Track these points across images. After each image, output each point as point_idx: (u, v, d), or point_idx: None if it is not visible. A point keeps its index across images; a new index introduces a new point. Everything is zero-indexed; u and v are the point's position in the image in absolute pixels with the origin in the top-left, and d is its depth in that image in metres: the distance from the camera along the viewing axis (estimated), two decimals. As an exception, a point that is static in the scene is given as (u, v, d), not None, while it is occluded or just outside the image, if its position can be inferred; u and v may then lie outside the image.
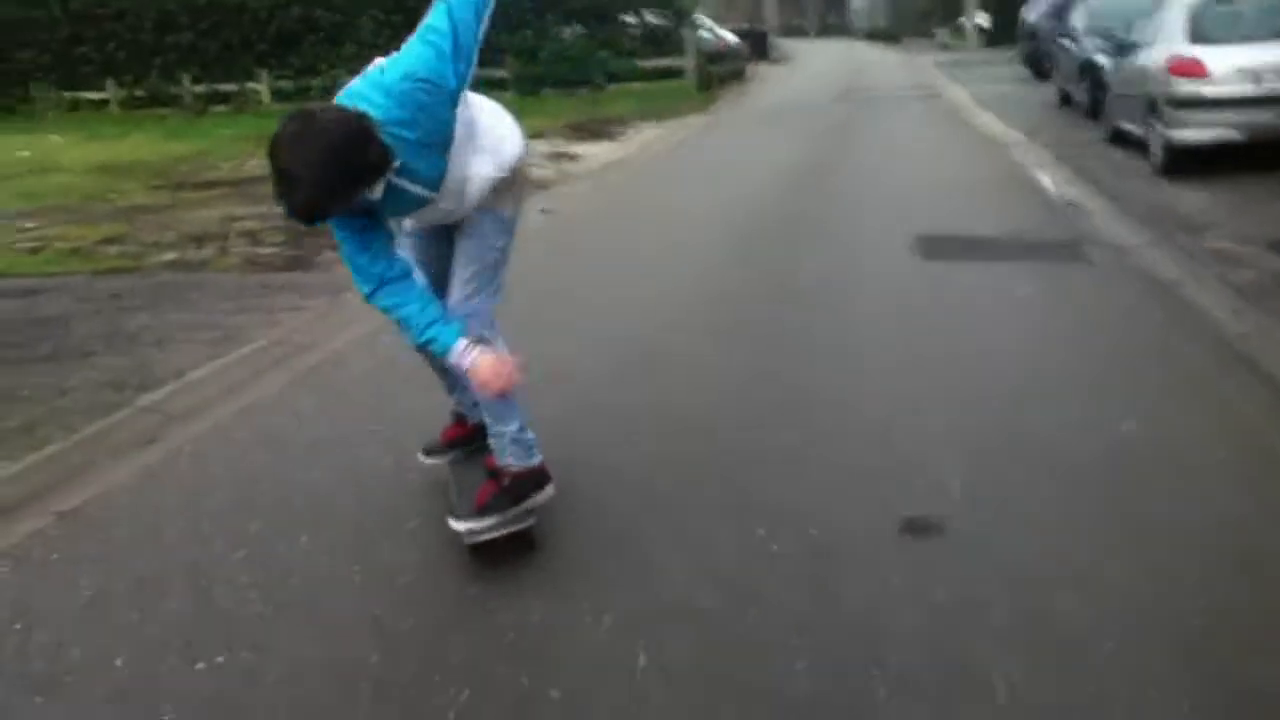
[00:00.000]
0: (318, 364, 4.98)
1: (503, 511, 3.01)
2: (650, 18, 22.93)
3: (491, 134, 3.00)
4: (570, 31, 22.42)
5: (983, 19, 45.11)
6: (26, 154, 16.37)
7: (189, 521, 3.32)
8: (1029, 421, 3.84)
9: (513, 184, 3.08)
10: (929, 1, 58.74)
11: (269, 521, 3.28)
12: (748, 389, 4.39)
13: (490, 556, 2.96)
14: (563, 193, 10.15)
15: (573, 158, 12.42)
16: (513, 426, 3.04)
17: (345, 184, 2.49)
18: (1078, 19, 14.98)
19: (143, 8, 21.79)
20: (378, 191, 2.64)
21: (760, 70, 28.54)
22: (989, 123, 14.26)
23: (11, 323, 5.80)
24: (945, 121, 14.86)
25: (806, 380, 4.46)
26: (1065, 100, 15.37)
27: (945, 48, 42.16)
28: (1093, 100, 12.99)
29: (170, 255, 7.58)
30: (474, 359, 2.78)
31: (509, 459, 3.04)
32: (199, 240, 8.04)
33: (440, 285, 3.08)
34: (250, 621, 2.71)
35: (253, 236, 8.09)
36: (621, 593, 2.80)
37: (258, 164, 13.04)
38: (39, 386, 4.67)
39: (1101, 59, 12.69)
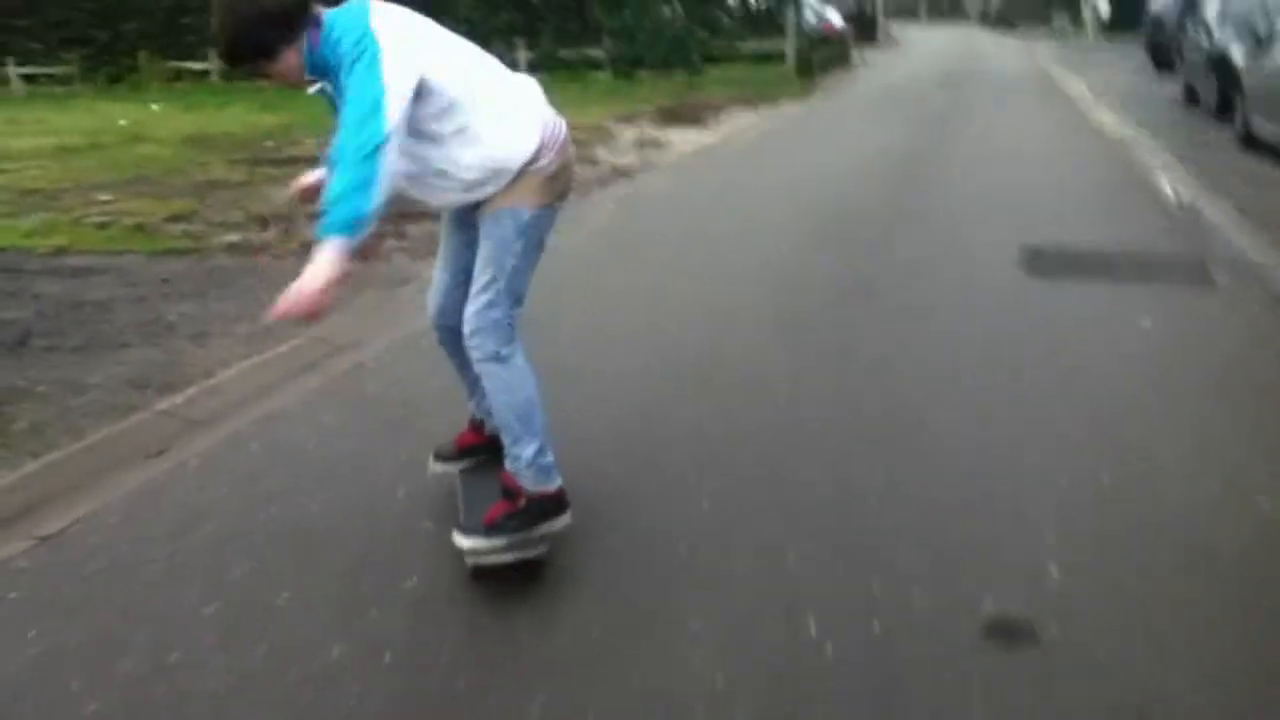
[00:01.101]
0: (353, 368, 4.61)
1: (513, 533, 2.78)
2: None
3: (487, 133, 2.76)
4: (669, 11, 21.88)
5: (1103, 6, 43.30)
6: (124, 123, 16.53)
7: (171, 558, 2.96)
8: (1148, 490, 3.26)
9: (523, 182, 2.79)
10: (1048, -13, 56.69)
11: (255, 565, 2.90)
12: (820, 417, 3.90)
13: (496, 585, 2.60)
14: (643, 182, 9.68)
15: (659, 144, 11.93)
16: (530, 449, 2.81)
17: (257, 25, 2.60)
18: (1209, 9, 13.93)
19: (245, -21, 21.74)
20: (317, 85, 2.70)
21: (867, 55, 27.60)
22: (1107, 118, 13.38)
23: (56, 307, 5.56)
24: (1060, 115, 13.98)
25: (886, 410, 3.94)
26: (1191, 96, 14.39)
27: (1062, 35, 40.54)
28: (1222, 98, 12.07)
29: (233, 236, 7.33)
30: (314, 267, 2.61)
31: (525, 482, 2.82)
32: (265, 221, 7.78)
33: (455, 286, 3.02)
34: (201, 701, 2.32)
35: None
36: (637, 699, 2.34)
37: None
38: (60, 382, 4.39)
39: (1236, 53, 11.76)
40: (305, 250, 6.90)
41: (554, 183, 2.84)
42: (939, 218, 7.55)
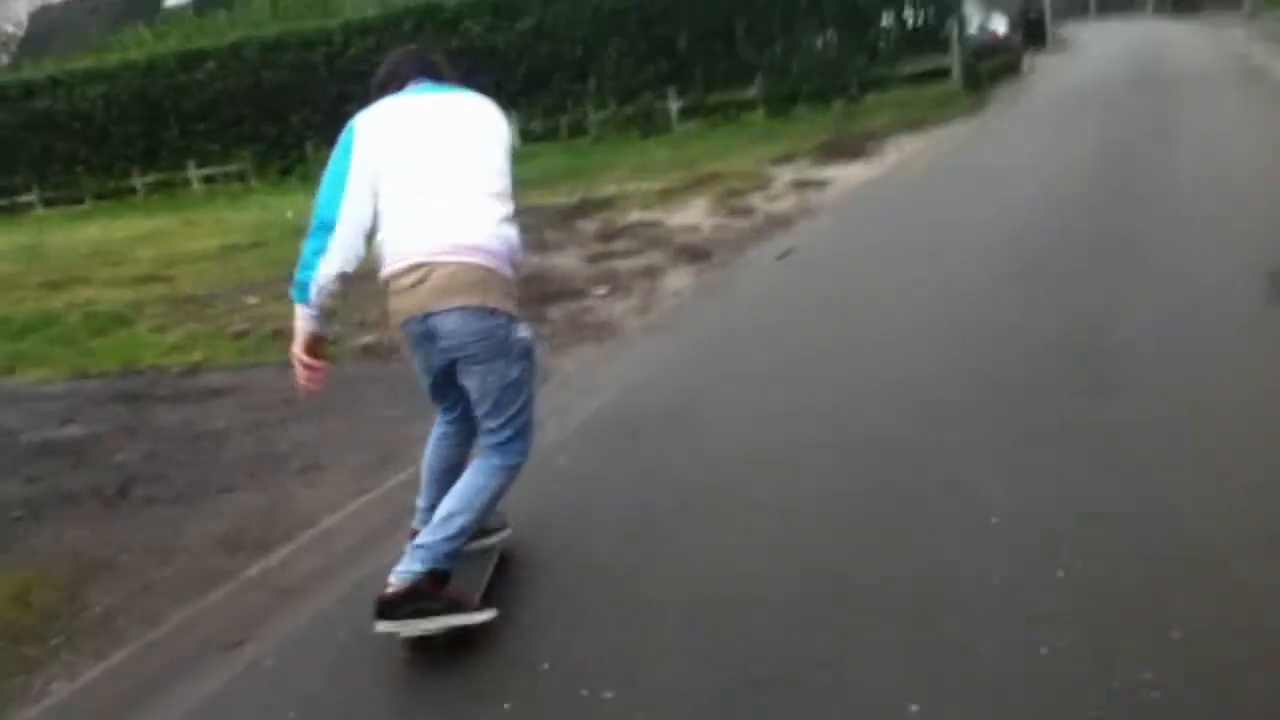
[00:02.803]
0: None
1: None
2: (910, 17, 21.05)
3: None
4: (823, 40, 20.95)
5: (1300, -23, 39.71)
6: (290, 215, 16.80)
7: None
8: None
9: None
10: (1230, -36, 52.63)
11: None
12: (1012, 534, 2.95)
13: None
14: (803, 230, 8.80)
15: (820, 184, 11.03)
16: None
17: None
18: None
19: (402, 60, 22.06)
20: None
21: (1038, 61, 25.87)
22: (1335, 104, 11.66)
23: (170, 442, 5.16)
24: (1274, 109, 12.30)
25: (1105, 519, 2.97)
26: None
27: (1256, 17, 37.29)
28: None
29: (368, 338, 6.87)
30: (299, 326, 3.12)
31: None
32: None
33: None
34: None
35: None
36: None
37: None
38: (148, 548, 3.87)
39: None
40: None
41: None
42: (1151, 241, 6.36)
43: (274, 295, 9.09)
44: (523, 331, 2.93)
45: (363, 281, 2.97)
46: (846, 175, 11.53)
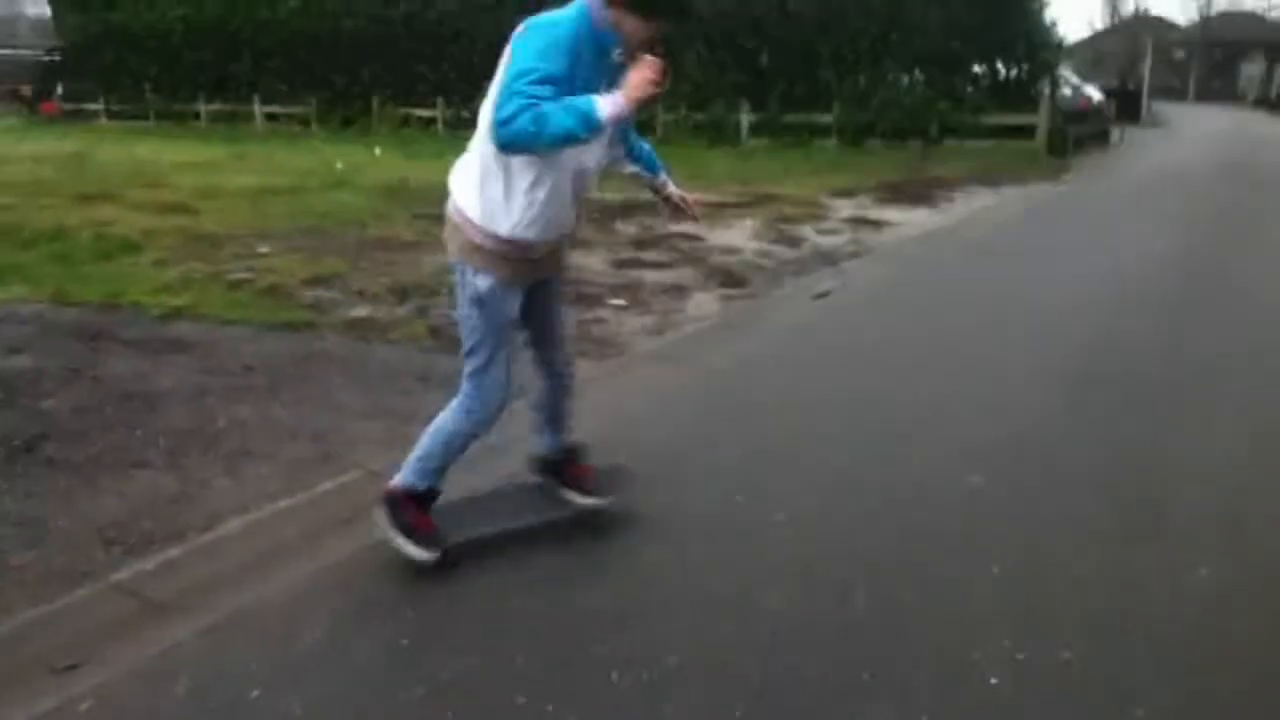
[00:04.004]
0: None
1: None
2: (1005, 69, 20.31)
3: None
4: (908, 78, 20.27)
5: None
6: (340, 166, 16.47)
7: None
8: None
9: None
10: (1341, 68, 51.13)
11: None
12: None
13: None
14: (849, 271, 8.19)
15: (877, 225, 10.41)
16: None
17: None
18: None
19: (477, 30, 21.71)
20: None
21: (1129, 135, 24.98)
22: None
23: (107, 394, 4.66)
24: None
25: None
26: None
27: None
28: None
29: (361, 311, 6.37)
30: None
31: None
32: (403, 295, 6.81)
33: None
34: None
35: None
36: None
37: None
38: (22, 521, 3.37)
39: None
40: (429, 337, 5.93)
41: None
42: (1237, 354, 5.70)
43: (289, 247, 8.66)
44: (476, 279, 2.90)
45: (376, 249, 2.38)
46: (907, 220, 10.89)
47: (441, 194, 3.06)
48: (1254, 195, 13.58)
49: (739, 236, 9.56)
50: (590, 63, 2.69)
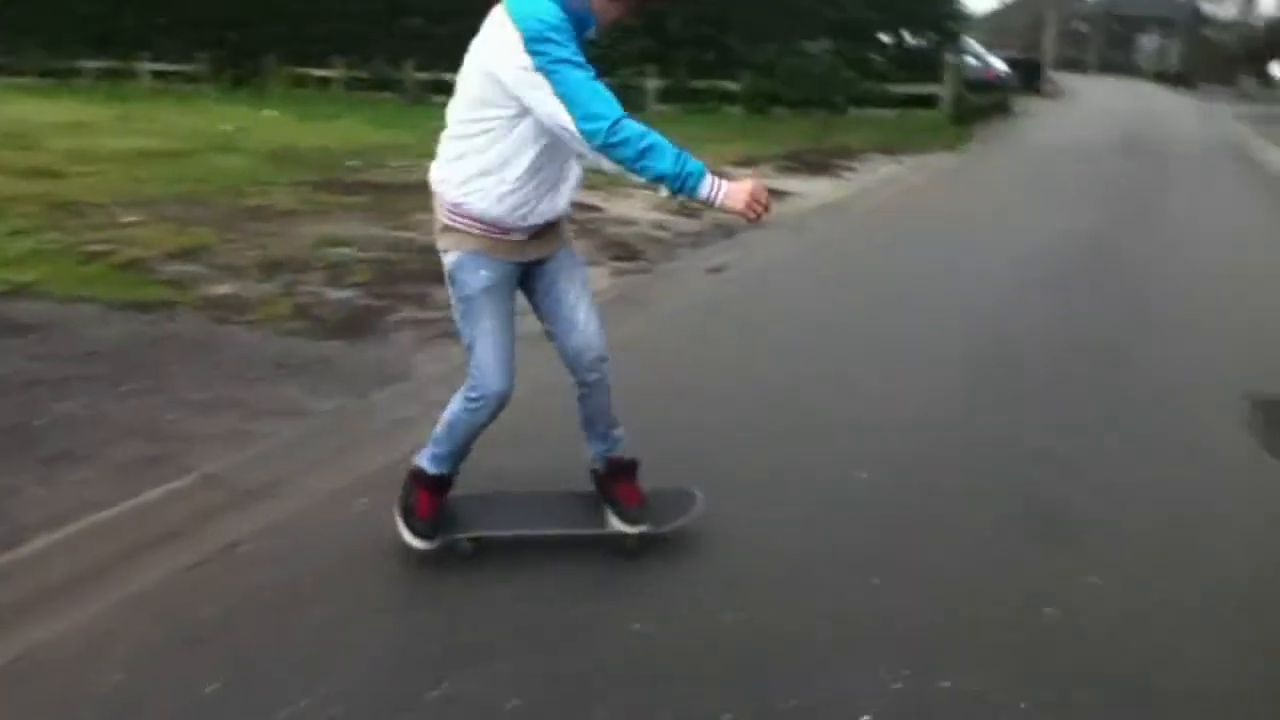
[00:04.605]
0: (225, 548, 3.05)
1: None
2: (910, 38, 20.30)
3: None
4: (817, 48, 20.12)
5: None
6: (228, 128, 15.73)
7: None
8: None
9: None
10: (1232, 45, 52.74)
11: None
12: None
13: None
14: (745, 243, 7.99)
15: (778, 195, 10.21)
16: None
17: None
18: None
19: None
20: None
21: (1030, 105, 25.27)
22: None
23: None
24: (1264, 194, 11.72)
25: None
26: None
27: (1248, 98, 37.15)
28: None
29: (223, 288, 5.94)
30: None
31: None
32: (272, 270, 6.39)
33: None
34: None
35: (334, 271, 6.37)
36: None
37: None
38: None
39: None
40: (294, 316, 5.55)
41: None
42: (1135, 340, 5.64)
43: (158, 215, 8.12)
44: (447, 258, 2.86)
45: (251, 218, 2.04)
46: (809, 190, 10.74)
47: (331, 159, 2.74)
48: (1150, 167, 13.75)
49: (638, 207, 9.28)
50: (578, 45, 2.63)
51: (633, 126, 2.49)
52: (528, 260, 2.88)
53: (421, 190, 2.88)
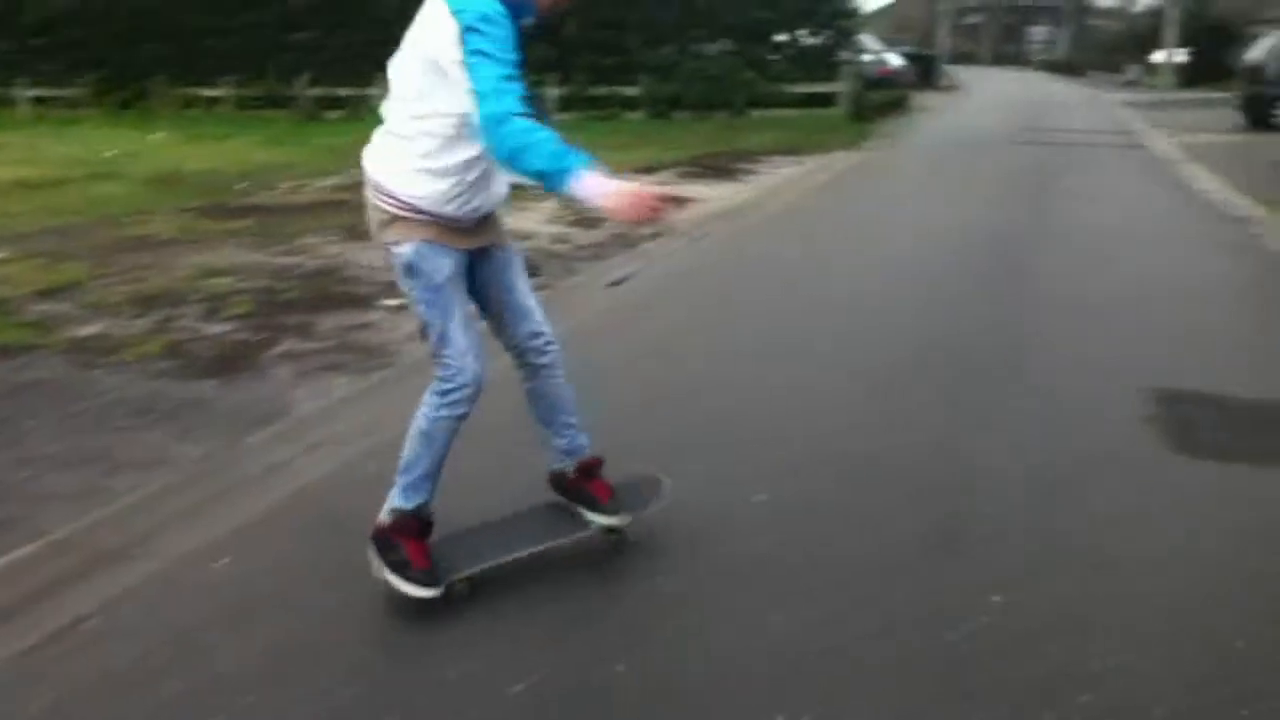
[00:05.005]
0: (76, 621, 2.77)
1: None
2: (806, 38, 20.43)
3: None
4: (716, 49, 20.14)
5: (1181, 55, 41.12)
6: (111, 154, 15.14)
7: None
8: None
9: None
10: (1118, 34, 54.40)
11: None
12: None
13: None
14: (648, 253, 7.87)
15: (679, 203, 10.11)
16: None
17: None
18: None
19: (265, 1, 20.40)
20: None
21: (927, 100, 25.67)
22: (1211, 185, 11.37)
23: None
24: (1154, 182, 11.98)
25: None
26: (1312, 164, 12.39)
27: (1134, 85, 38.27)
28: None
29: (91, 328, 5.60)
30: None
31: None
32: (146, 305, 6.06)
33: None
34: None
35: (213, 304, 6.06)
36: None
37: (326, 185, 11.32)
38: None
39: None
40: (166, 354, 5.24)
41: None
42: (1027, 333, 5.63)
43: (28, 251, 7.68)
44: (402, 249, 2.74)
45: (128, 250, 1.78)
46: (711, 195, 10.65)
47: (219, 181, 2.49)
48: (1042, 155, 13.98)
49: (536, 219, 9.09)
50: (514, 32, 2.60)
51: (517, 125, 2.42)
52: (474, 249, 2.84)
53: (310, 211, 2.67)
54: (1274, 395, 4.57)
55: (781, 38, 20.41)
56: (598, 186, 2.42)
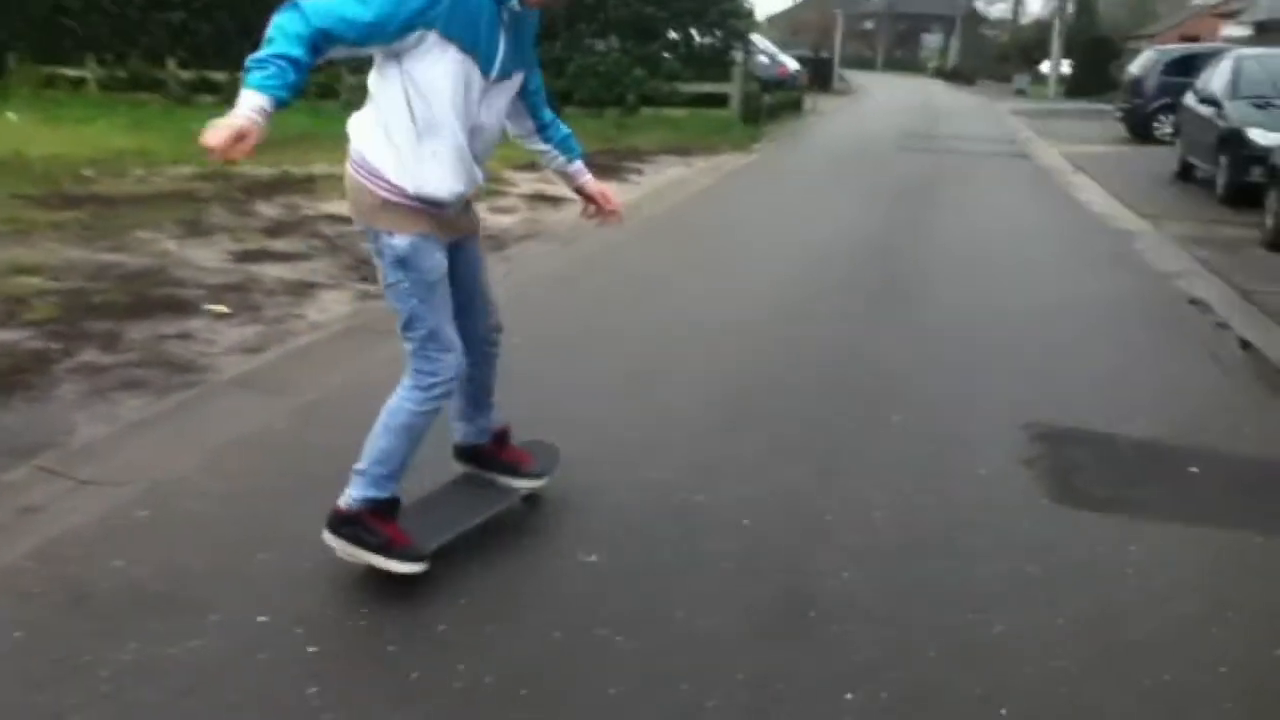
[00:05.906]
0: None
1: None
2: (700, 36, 20.13)
3: None
4: (606, 45, 19.69)
5: (1065, 66, 42.23)
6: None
7: None
8: None
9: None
10: (1007, 44, 55.78)
11: None
12: None
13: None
14: (518, 257, 7.39)
15: (557, 202, 9.62)
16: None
17: None
18: (1216, 80, 12.07)
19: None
20: None
21: (820, 103, 25.67)
22: (1095, 197, 11.42)
23: None
24: (1040, 191, 11.97)
25: None
26: (1185, 173, 12.62)
27: (1022, 94, 39.17)
28: (1236, 181, 10.23)
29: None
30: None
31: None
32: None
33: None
34: None
35: (11, 307, 5.36)
36: None
37: (180, 174, 10.52)
38: None
39: (1256, 133, 9.97)
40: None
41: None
42: (906, 356, 5.31)
43: None
44: (394, 240, 2.71)
45: None
46: (591, 197, 10.18)
47: (64, 167, 1.93)
48: (930, 163, 13.91)
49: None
50: (487, 11, 2.62)
51: (285, 15, 2.42)
52: (453, 239, 2.85)
53: (152, 203, 2.14)
54: (1155, 433, 4.31)
55: (674, 36, 20.06)
56: (236, 108, 2.33)
